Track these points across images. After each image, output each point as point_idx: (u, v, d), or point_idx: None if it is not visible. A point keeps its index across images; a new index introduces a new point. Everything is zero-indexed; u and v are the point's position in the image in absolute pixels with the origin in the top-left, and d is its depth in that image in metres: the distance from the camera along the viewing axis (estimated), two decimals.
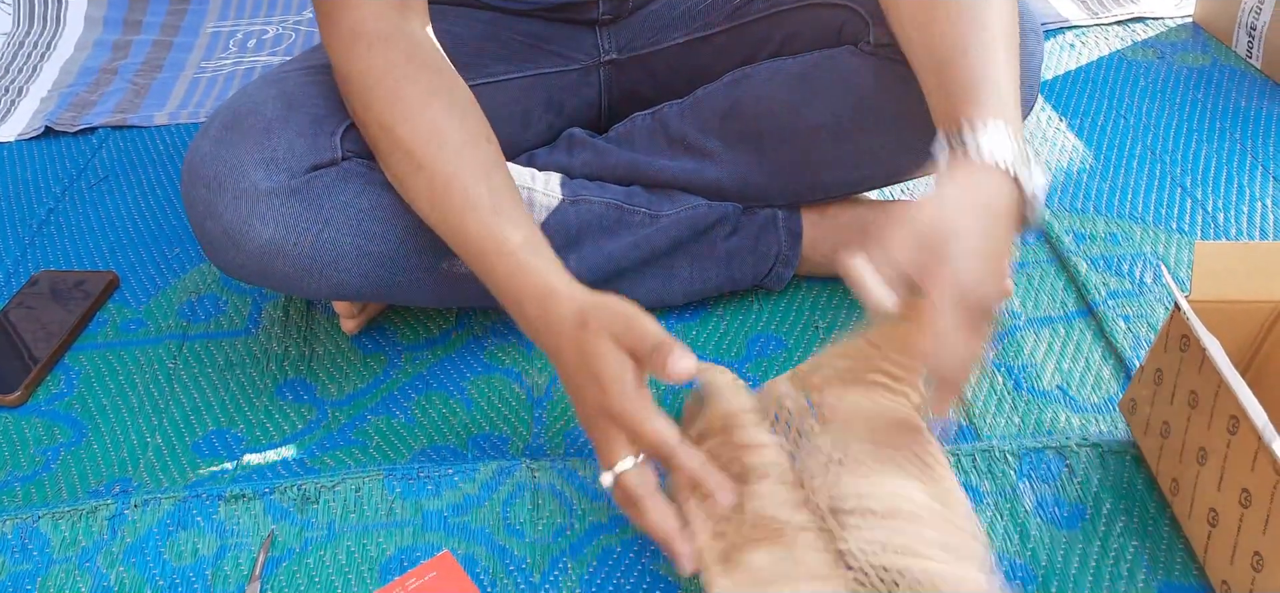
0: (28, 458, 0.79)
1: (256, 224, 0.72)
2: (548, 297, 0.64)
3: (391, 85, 0.69)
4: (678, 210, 0.84)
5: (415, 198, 0.70)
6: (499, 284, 0.67)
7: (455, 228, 0.68)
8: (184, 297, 0.95)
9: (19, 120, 1.29)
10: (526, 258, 0.66)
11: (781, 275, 0.88)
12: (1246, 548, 0.59)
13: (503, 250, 0.66)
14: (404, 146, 0.69)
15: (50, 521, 0.72)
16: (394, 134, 0.69)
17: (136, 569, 0.69)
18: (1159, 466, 0.69)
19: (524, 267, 0.66)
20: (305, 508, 0.73)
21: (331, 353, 0.88)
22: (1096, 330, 0.84)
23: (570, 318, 0.63)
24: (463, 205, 0.67)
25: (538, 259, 0.66)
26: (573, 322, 0.63)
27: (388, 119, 0.69)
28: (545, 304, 0.64)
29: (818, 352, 0.70)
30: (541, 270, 0.65)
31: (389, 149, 0.70)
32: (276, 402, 0.83)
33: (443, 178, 0.68)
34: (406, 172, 0.70)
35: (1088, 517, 0.69)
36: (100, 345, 0.90)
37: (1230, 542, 0.61)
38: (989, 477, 0.72)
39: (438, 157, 0.68)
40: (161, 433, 0.81)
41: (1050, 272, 0.91)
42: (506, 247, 0.66)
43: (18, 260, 1.01)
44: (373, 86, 0.70)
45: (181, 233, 1.04)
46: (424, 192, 0.69)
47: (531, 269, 0.65)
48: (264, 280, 0.75)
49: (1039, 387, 0.80)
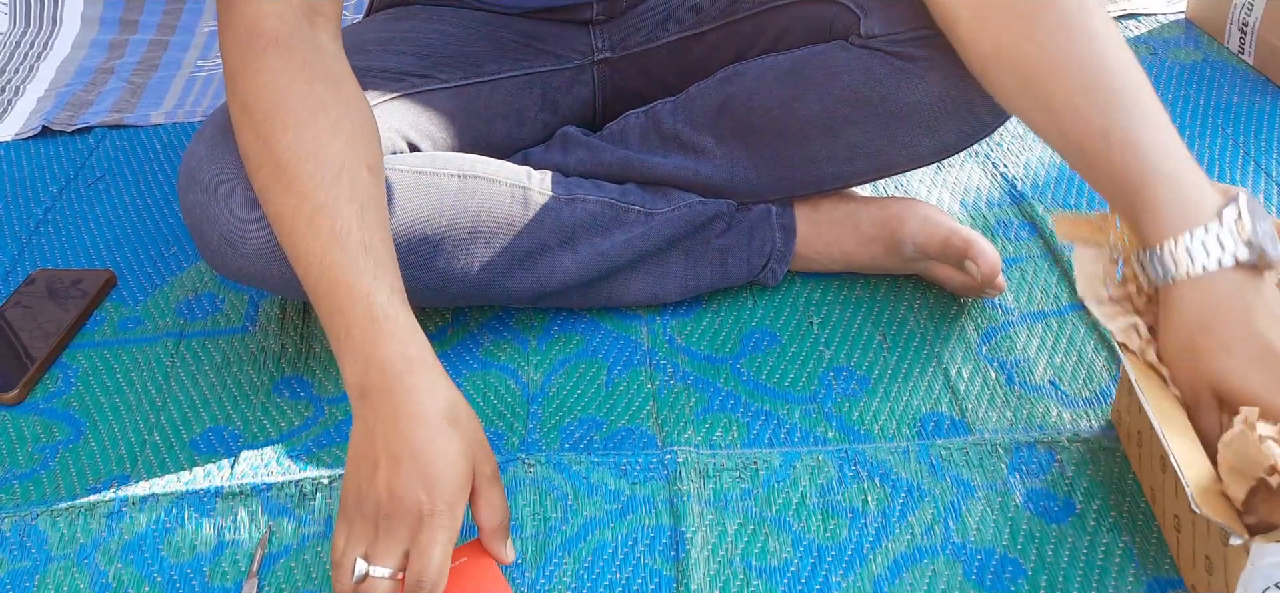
0: (26, 456, 0.79)
1: (253, 228, 0.72)
2: (412, 364, 0.60)
3: (278, 92, 0.65)
4: (672, 208, 0.85)
5: (276, 219, 0.65)
6: (351, 329, 0.61)
7: (314, 262, 0.62)
8: (181, 295, 0.96)
9: (16, 120, 1.29)
10: (393, 312, 0.61)
11: (775, 272, 0.89)
12: (1201, 552, 0.61)
13: (369, 298, 0.61)
14: (276, 160, 0.64)
15: (49, 518, 0.73)
16: (270, 145, 0.64)
17: (135, 566, 0.70)
18: (1139, 472, 0.70)
19: (388, 319, 0.61)
20: (303, 505, 0.73)
21: (327, 350, 0.88)
22: (1089, 324, 0.85)
23: (441, 403, 0.60)
24: (329, 238, 0.62)
25: (404, 316, 0.62)
26: (441, 409, 0.60)
27: (267, 128, 0.65)
28: (406, 369, 0.60)
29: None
30: (406, 331, 0.61)
31: (259, 161, 0.65)
32: (273, 399, 0.84)
33: (311, 204, 0.63)
34: (274, 190, 0.64)
35: (1078, 512, 0.69)
36: (97, 344, 0.91)
37: (1190, 547, 0.62)
38: (979, 470, 0.72)
39: (311, 177, 0.63)
40: (159, 431, 0.81)
41: (1043, 266, 0.92)
42: (371, 295, 0.61)
43: (15, 259, 1.02)
44: (259, 92, 0.65)
45: (178, 232, 1.05)
46: (288, 214, 0.64)
47: (396, 328, 0.61)
48: (261, 283, 0.75)
49: (1031, 381, 0.80)
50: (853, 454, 0.74)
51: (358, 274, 0.62)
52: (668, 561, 0.68)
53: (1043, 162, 1.06)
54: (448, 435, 0.59)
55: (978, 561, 0.67)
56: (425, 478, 0.58)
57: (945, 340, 0.85)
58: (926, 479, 0.72)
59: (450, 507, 0.58)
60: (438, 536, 0.58)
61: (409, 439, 0.59)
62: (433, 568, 0.58)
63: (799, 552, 0.68)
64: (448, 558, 0.58)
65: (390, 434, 0.59)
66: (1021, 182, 1.03)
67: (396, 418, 0.59)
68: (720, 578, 0.66)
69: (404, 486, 0.58)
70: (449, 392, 0.61)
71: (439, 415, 0.60)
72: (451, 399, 0.61)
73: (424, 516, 0.58)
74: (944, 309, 0.88)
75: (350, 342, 0.61)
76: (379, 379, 0.60)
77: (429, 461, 0.58)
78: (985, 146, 1.09)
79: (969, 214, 0.99)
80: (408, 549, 0.58)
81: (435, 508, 0.58)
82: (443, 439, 0.59)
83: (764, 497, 0.71)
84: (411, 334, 0.62)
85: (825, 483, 0.72)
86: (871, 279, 0.91)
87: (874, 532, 0.69)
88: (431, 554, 0.58)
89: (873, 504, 0.71)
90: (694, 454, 0.74)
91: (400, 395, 0.60)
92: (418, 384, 0.60)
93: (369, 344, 0.61)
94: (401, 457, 0.58)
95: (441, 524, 0.58)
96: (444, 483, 0.58)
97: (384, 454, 0.59)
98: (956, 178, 1.05)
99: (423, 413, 0.59)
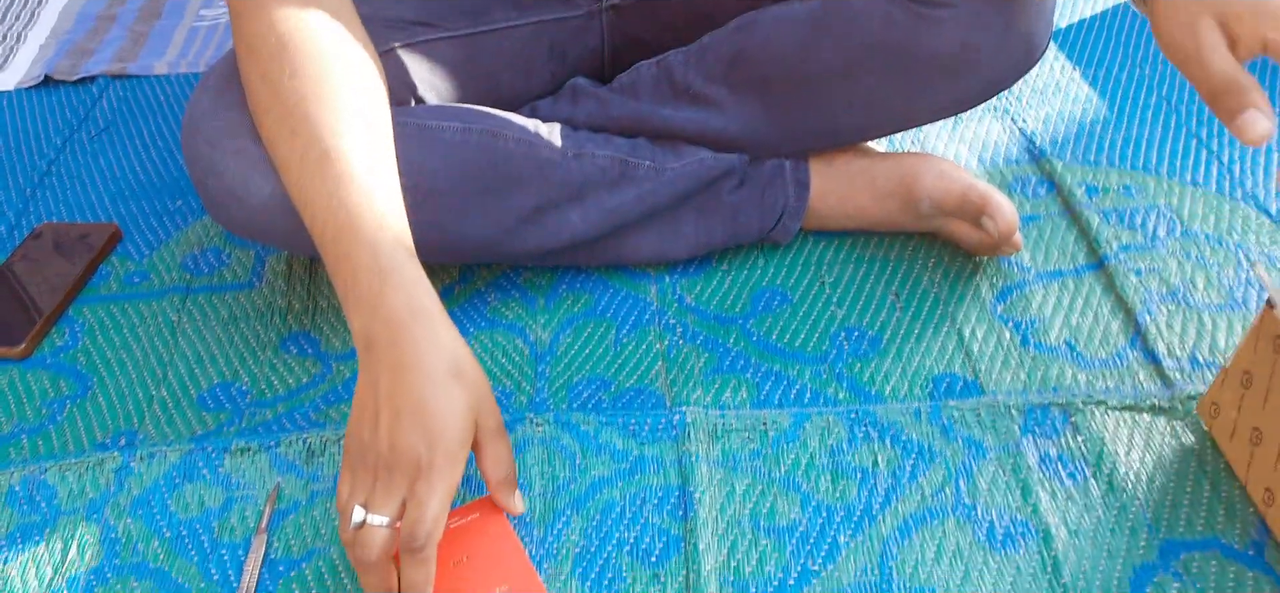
0: (34, 410, 0.79)
1: (258, 180, 0.71)
2: (417, 314, 0.60)
3: (284, 35, 0.64)
4: (683, 163, 0.83)
5: (284, 164, 0.64)
6: (357, 277, 0.61)
7: (321, 208, 0.62)
8: (187, 249, 0.95)
9: (18, 68, 1.28)
10: (399, 262, 0.61)
11: (788, 228, 0.88)
12: None
13: (375, 246, 0.61)
14: (283, 104, 0.64)
15: (57, 473, 0.73)
16: (277, 89, 0.64)
17: (144, 521, 0.70)
18: (1249, 474, 0.66)
19: (395, 269, 0.60)
20: (311, 461, 0.73)
21: (335, 306, 0.87)
22: (1106, 285, 0.84)
23: (445, 355, 0.59)
24: (335, 183, 0.62)
25: (411, 266, 0.61)
26: (444, 361, 0.59)
27: (273, 72, 0.64)
28: (411, 320, 0.60)
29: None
30: (412, 281, 0.61)
31: (266, 106, 0.65)
32: (281, 355, 0.83)
33: (319, 149, 0.62)
34: (281, 134, 0.64)
35: (1091, 474, 0.68)
36: (104, 298, 0.90)
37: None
38: (992, 432, 0.71)
39: (319, 122, 0.63)
40: (166, 386, 0.81)
41: (1061, 225, 0.90)
42: (377, 244, 0.61)
43: (20, 212, 1.01)
44: (265, 34, 0.65)
45: (183, 185, 1.04)
46: (295, 160, 0.63)
47: (402, 278, 0.60)
48: (267, 237, 0.74)
49: (1046, 342, 0.79)
50: (863, 415, 0.73)
51: (365, 221, 0.61)
52: (676, 520, 0.67)
53: (1063, 117, 1.04)
54: (450, 388, 0.59)
55: (988, 523, 0.66)
56: (426, 431, 0.58)
57: (959, 300, 0.84)
58: (937, 441, 0.71)
59: (450, 460, 0.58)
60: (435, 488, 0.58)
61: (410, 391, 0.58)
62: (427, 519, 0.57)
63: (807, 512, 0.67)
64: (444, 510, 0.58)
65: (393, 385, 0.59)
66: (1040, 137, 1.01)
67: (399, 369, 0.59)
68: (728, 538, 0.66)
69: (404, 437, 0.58)
70: (454, 344, 0.61)
71: (442, 368, 0.59)
72: (455, 351, 0.60)
73: (423, 468, 0.58)
74: (958, 268, 0.87)
75: (356, 290, 0.61)
76: (384, 330, 0.60)
77: (430, 413, 0.58)
78: (1004, 101, 1.07)
79: (986, 170, 0.98)
80: (406, 499, 0.58)
81: (434, 461, 0.58)
82: (444, 392, 0.59)
83: (773, 457, 0.71)
84: (417, 284, 0.61)
85: (835, 444, 0.72)
86: (885, 237, 0.90)
87: (883, 493, 0.68)
88: (427, 506, 0.57)
89: (883, 465, 0.70)
90: (703, 414, 0.74)
91: (404, 346, 0.59)
92: (422, 336, 0.60)
93: (374, 294, 0.60)
94: (402, 409, 0.58)
95: (440, 477, 0.58)
96: (444, 436, 0.58)
97: (386, 405, 0.59)
98: (974, 133, 1.03)
99: (425, 365, 0.59)
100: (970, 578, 0.63)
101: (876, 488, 0.69)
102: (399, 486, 0.58)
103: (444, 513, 0.58)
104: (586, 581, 0.65)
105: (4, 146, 1.12)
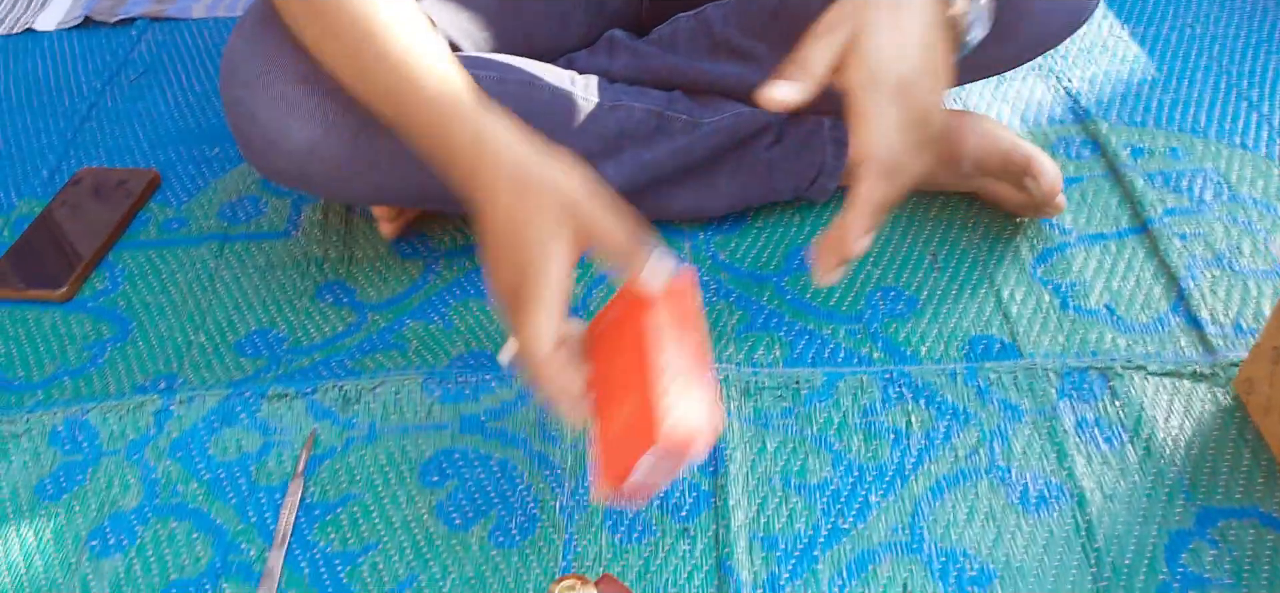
0: (76, 353, 0.81)
1: (295, 126, 0.71)
2: (483, 151, 0.61)
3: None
4: (719, 118, 0.82)
5: (333, 58, 0.67)
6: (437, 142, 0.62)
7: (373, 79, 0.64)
8: (224, 197, 0.96)
9: (58, 9, 1.28)
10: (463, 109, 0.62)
11: (825, 187, 0.87)
12: None
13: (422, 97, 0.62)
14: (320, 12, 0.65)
15: (99, 414, 0.74)
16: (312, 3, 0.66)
17: (183, 463, 0.71)
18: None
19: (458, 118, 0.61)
20: (346, 408, 0.73)
21: (370, 257, 0.88)
22: (1150, 249, 0.82)
23: (505, 175, 0.59)
24: (379, 51, 0.63)
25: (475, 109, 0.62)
26: (506, 184, 0.59)
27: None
28: (479, 160, 0.61)
29: None
30: (476, 118, 0.61)
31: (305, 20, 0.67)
32: (317, 304, 0.84)
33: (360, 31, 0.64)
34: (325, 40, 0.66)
35: (1128, 439, 0.68)
36: (143, 244, 0.91)
37: None
38: (1028, 395, 0.71)
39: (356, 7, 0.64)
40: (205, 331, 0.82)
41: (1104, 187, 0.89)
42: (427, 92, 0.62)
43: (61, 156, 1.02)
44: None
45: (221, 132, 1.04)
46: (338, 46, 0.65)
47: (465, 123, 0.61)
48: (302, 184, 0.74)
49: (1086, 306, 0.78)
50: (898, 376, 0.73)
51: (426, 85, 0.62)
52: (706, 475, 0.68)
53: (1109, 77, 1.02)
54: (512, 211, 0.59)
55: (1022, 485, 0.66)
56: (508, 262, 0.59)
57: (999, 261, 0.82)
58: (973, 402, 0.71)
59: (538, 275, 0.58)
60: (528, 310, 0.57)
61: (488, 232, 0.60)
62: (529, 342, 0.58)
63: (839, 471, 0.67)
64: (545, 328, 0.57)
65: (481, 234, 0.61)
66: (1086, 97, 0.99)
67: (480, 216, 0.60)
68: (758, 494, 0.66)
69: (497, 278, 0.60)
70: (515, 161, 0.60)
71: (504, 196, 0.59)
72: (516, 168, 0.60)
73: (518, 294, 0.58)
74: (998, 229, 0.85)
75: (441, 157, 0.62)
76: (467, 179, 0.61)
77: (503, 245, 0.59)
78: (1048, 59, 1.05)
79: (1029, 130, 0.96)
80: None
81: (525, 283, 0.58)
82: (506, 216, 0.59)
83: (805, 416, 0.71)
84: (478, 119, 0.61)
85: (868, 404, 0.71)
86: (924, 197, 0.89)
87: (916, 454, 0.68)
88: (526, 330, 0.58)
89: (916, 426, 0.70)
90: (735, 372, 0.74)
91: (479, 188, 0.60)
92: (487, 170, 0.60)
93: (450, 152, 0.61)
94: (488, 252, 0.60)
95: (531, 296, 0.57)
96: (521, 259, 0.58)
97: (486, 245, 0.60)
98: (1017, 92, 1.01)
99: (494, 197, 0.60)
100: (1002, 540, 0.63)
101: (909, 448, 0.68)
102: (516, 318, 0.59)
103: (545, 326, 0.57)
104: (616, 532, 0.65)
105: (45, 89, 1.13)
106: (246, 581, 0.64)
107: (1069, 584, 0.61)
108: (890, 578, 0.62)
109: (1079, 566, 0.61)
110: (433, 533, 0.66)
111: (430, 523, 0.66)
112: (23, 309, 0.85)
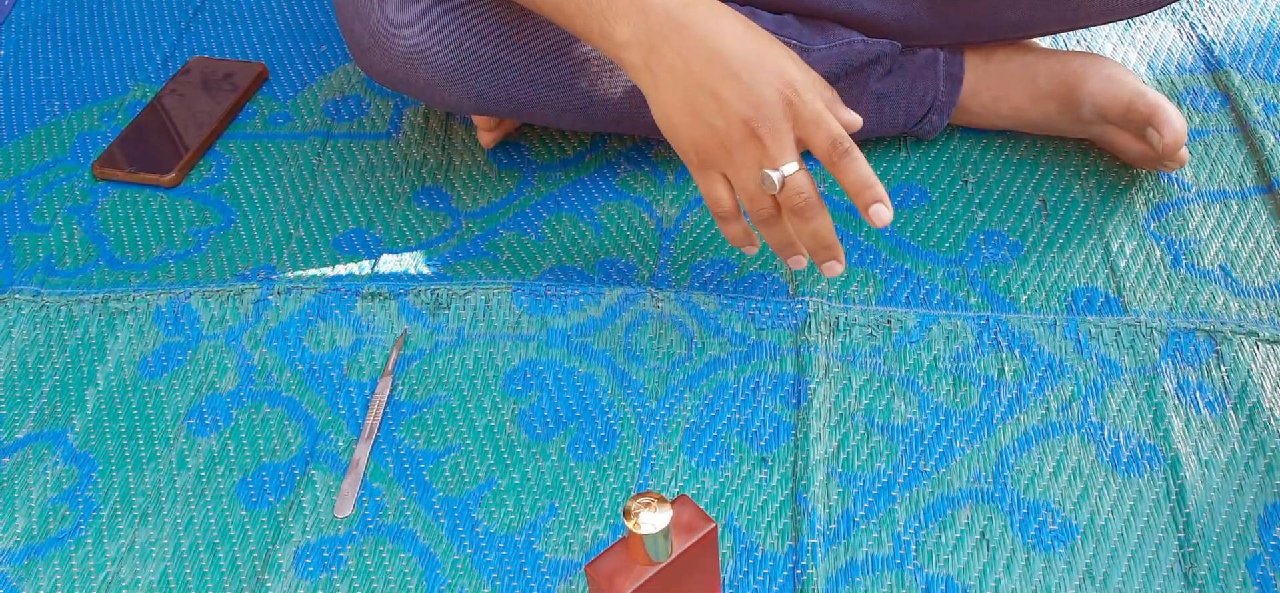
0: (181, 238, 0.83)
1: (403, 28, 0.71)
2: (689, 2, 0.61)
3: None
4: (830, 45, 0.80)
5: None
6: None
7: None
8: (329, 95, 0.97)
9: None
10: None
11: (935, 123, 0.84)
12: None
13: None
14: None
15: (201, 298, 0.77)
16: None
17: (278, 353, 0.73)
18: None
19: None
20: (437, 312, 0.75)
21: (468, 164, 0.88)
22: (1273, 210, 0.78)
23: (731, 19, 0.61)
24: None
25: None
26: (735, 26, 0.61)
27: None
28: (685, 6, 0.60)
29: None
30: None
31: None
32: (413, 208, 0.85)
33: None
34: None
35: (1231, 406, 0.65)
36: (249, 136, 0.93)
37: None
38: (1130, 352, 0.68)
39: None
40: (304, 226, 0.84)
41: (1230, 142, 0.84)
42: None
43: (174, 44, 1.05)
44: None
45: (329, 30, 1.06)
46: None
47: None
48: (407, 87, 0.75)
49: (1199, 265, 0.74)
50: (994, 322, 0.71)
51: None
52: (789, 407, 0.67)
53: (1248, 26, 0.96)
54: (747, 36, 0.61)
55: (1114, 444, 0.64)
56: (770, 72, 0.60)
57: (1110, 213, 0.79)
58: (1070, 355, 0.68)
59: (804, 76, 0.60)
60: (806, 100, 0.60)
61: (722, 54, 0.60)
62: (829, 123, 0.61)
63: (925, 414, 0.66)
64: (792, 150, 0.61)
65: (704, 67, 0.60)
66: (1220, 46, 0.93)
67: (698, 50, 0.60)
68: (840, 430, 0.66)
69: (756, 91, 0.59)
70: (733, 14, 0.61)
71: (734, 23, 0.61)
72: (734, 15, 0.61)
73: (790, 97, 0.60)
74: (1113, 179, 0.82)
75: (616, 4, 0.61)
76: (665, 26, 0.60)
77: (758, 61, 0.60)
78: (1184, 4, 0.98)
79: (1155, 78, 0.91)
80: (796, 131, 0.61)
81: (794, 86, 0.60)
82: (746, 41, 0.60)
83: (894, 356, 0.69)
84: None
85: (961, 348, 0.69)
86: (1037, 140, 0.85)
87: (1006, 403, 0.66)
88: (818, 114, 0.60)
89: (1009, 375, 0.68)
90: (825, 306, 0.72)
91: (693, 27, 0.60)
92: (702, 15, 0.60)
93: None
94: (726, 75, 0.60)
95: (804, 87, 0.60)
96: (781, 68, 0.60)
97: (707, 85, 0.60)
98: (1146, 37, 0.95)
99: (722, 27, 0.60)
100: (1088, 497, 0.61)
101: (999, 397, 0.67)
102: (782, 131, 0.60)
103: (792, 149, 0.61)
104: (694, 455, 0.65)
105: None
106: (334, 470, 0.66)
107: (1153, 547, 0.59)
108: (968, 525, 0.60)
109: (1166, 530, 0.59)
110: (514, 440, 0.67)
111: (512, 430, 0.67)
112: (132, 192, 0.88)
